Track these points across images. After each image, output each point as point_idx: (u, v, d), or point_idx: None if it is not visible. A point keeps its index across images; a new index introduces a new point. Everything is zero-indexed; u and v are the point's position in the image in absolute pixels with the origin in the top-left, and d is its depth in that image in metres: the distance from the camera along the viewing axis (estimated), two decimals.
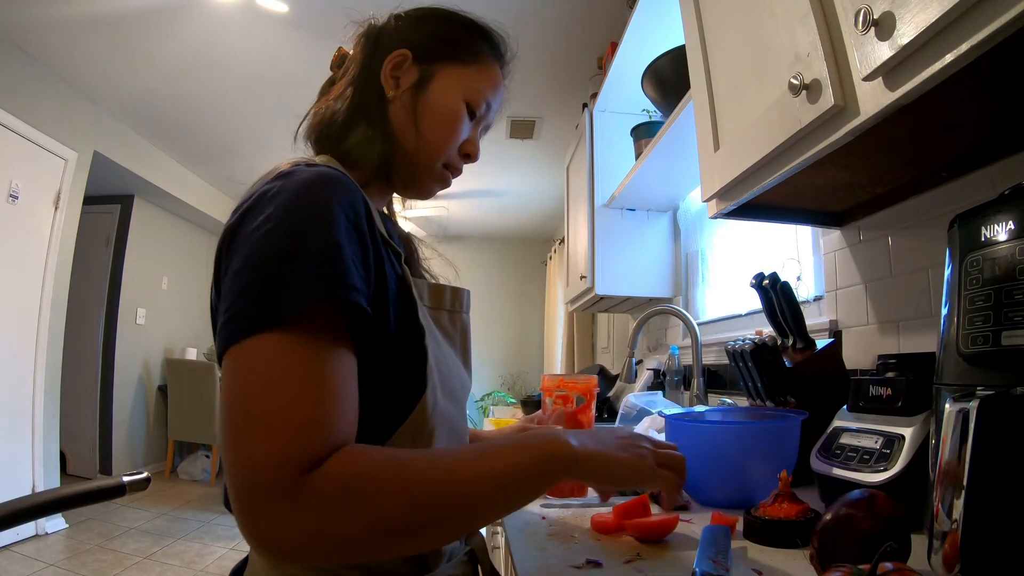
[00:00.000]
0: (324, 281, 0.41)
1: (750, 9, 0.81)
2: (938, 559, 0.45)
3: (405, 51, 0.61)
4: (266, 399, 0.38)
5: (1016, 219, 0.46)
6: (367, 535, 0.38)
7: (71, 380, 3.36)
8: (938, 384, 0.51)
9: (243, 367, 0.40)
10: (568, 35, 2.44)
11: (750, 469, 0.77)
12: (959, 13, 0.44)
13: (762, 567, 0.55)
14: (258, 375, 0.39)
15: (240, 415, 0.38)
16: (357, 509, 0.37)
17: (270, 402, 0.38)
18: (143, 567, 2.49)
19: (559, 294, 4.54)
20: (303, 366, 0.40)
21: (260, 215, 0.44)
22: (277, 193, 0.45)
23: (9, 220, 2.69)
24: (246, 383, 0.39)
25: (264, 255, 0.42)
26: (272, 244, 0.42)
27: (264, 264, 0.42)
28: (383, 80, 0.61)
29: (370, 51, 0.63)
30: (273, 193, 0.45)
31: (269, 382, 0.39)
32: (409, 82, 0.61)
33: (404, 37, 0.62)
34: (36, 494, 0.63)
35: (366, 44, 0.63)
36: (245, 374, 0.39)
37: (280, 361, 0.39)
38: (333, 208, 0.44)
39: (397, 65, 0.61)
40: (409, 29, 0.63)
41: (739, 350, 0.99)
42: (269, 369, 0.39)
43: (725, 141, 0.90)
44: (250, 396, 0.39)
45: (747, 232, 1.59)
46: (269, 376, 0.39)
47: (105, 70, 2.86)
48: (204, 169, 4.28)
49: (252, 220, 0.44)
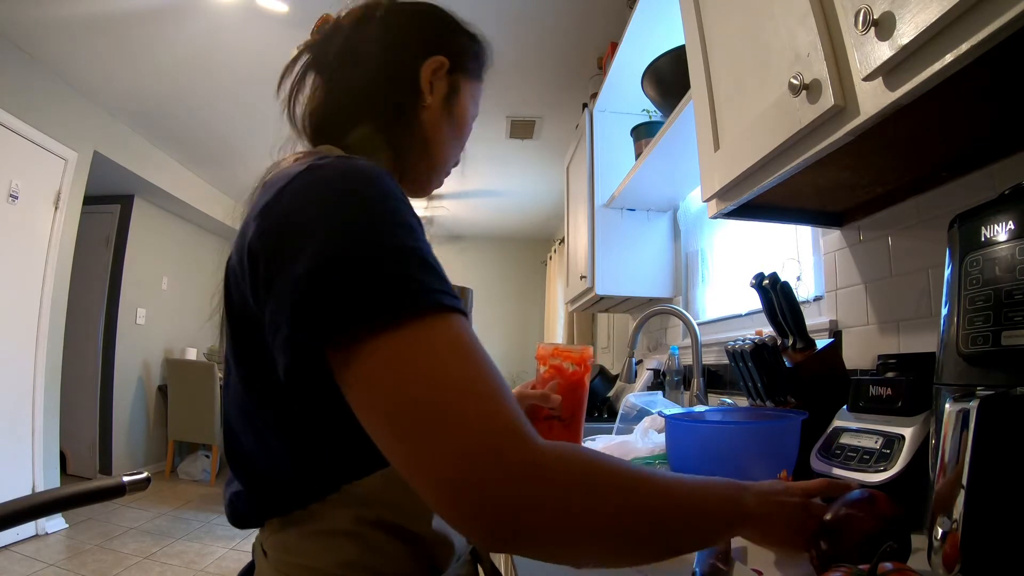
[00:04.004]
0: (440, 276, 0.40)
1: (750, 9, 0.81)
2: (938, 559, 0.45)
3: (444, 59, 0.61)
4: (466, 378, 0.36)
5: (1016, 219, 0.46)
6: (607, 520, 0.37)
7: (71, 380, 3.36)
8: (938, 384, 0.51)
9: (424, 349, 0.36)
10: (568, 35, 2.44)
11: (750, 469, 0.77)
12: (959, 13, 0.44)
13: (762, 567, 0.55)
14: (448, 356, 0.36)
15: (444, 397, 0.35)
16: (597, 490, 0.37)
17: (473, 380, 0.36)
18: (143, 567, 2.49)
19: (559, 294, 4.54)
20: (477, 347, 0.38)
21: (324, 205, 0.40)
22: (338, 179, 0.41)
23: (9, 220, 2.69)
24: (438, 364, 0.36)
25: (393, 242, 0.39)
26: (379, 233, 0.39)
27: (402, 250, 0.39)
28: (423, 83, 0.60)
29: (398, 42, 0.61)
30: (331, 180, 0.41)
31: (466, 362, 0.36)
32: (442, 91, 0.62)
33: (437, 43, 0.62)
34: (36, 494, 0.63)
35: (386, 31, 0.61)
36: (430, 356, 0.36)
37: (462, 341, 0.37)
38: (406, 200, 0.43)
39: (436, 71, 0.61)
40: (440, 35, 0.63)
41: (739, 350, 0.99)
42: (457, 349, 0.37)
43: (725, 141, 0.90)
44: (447, 377, 0.35)
45: (747, 232, 1.59)
46: (461, 356, 0.37)
47: (105, 70, 2.86)
48: (204, 169, 4.28)
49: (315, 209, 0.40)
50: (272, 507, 0.49)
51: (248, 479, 0.50)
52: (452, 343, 0.37)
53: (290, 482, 0.47)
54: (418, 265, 0.38)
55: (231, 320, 0.47)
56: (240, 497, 0.51)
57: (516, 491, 0.34)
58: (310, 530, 0.47)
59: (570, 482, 0.36)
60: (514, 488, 0.34)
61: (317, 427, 0.46)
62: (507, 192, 4.62)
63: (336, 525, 0.46)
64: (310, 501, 0.47)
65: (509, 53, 2.55)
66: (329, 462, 0.47)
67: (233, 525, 0.52)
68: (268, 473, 0.49)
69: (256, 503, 0.50)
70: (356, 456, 0.46)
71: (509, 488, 0.34)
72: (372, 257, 0.37)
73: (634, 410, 1.32)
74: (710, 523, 0.44)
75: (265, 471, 0.49)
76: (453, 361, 0.36)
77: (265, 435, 0.48)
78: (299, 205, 0.41)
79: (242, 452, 0.50)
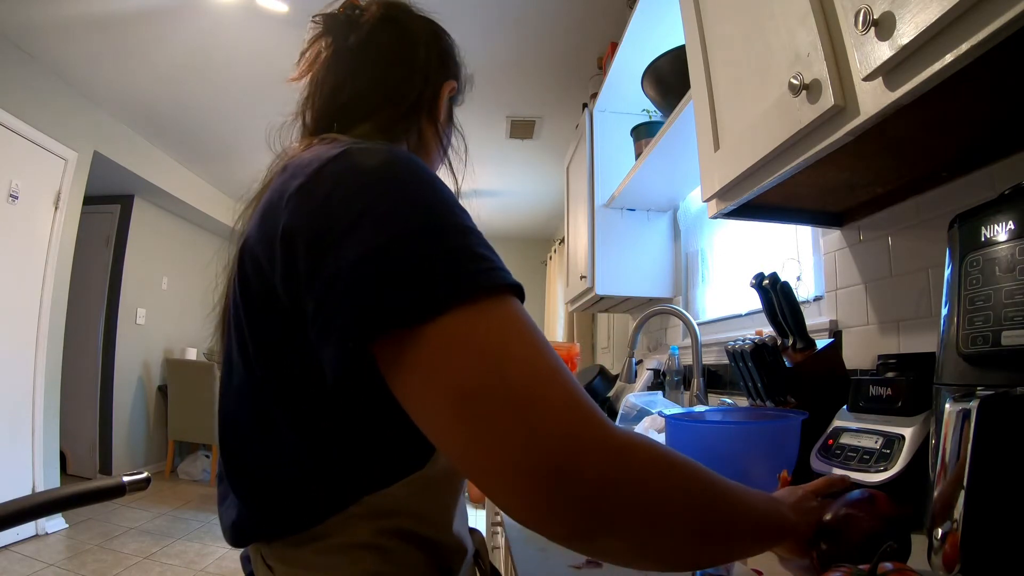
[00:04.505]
0: None
1: (750, 9, 0.81)
2: (938, 559, 0.45)
3: (455, 83, 0.66)
4: (541, 361, 0.33)
5: (1016, 219, 0.46)
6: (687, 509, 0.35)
7: (71, 380, 3.36)
8: (938, 384, 0.51)
9: (496, 328, 0.34)
10: (568, 35, 2.44)
11: (750, 469, 0.77)
12: (959, 13, 0.44)
13: (762, 567, 0.55)
14: (517, 337, 0.34)
15: (523, 379, 0.32)
16: (667, 476, 0.35)
17: (547, 363, 0.34)
18: (143, 567, 2.49)
19: (559, 294, 4.54)
20: (530, 319, 0.36)
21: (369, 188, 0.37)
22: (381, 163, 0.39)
23: (9, 220, 2.69)
24: (514, 345, 0.34)
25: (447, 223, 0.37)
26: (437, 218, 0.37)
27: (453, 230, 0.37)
28: (441, 99, 0.64)
29: (422, 56, 0.62)
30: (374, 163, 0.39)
31: (535, 344, 0.34)
32: (445, 114, 0.65)
33: (453, 70, 0.66)
34: (36, 494, 0.63)
35: (413, 42, 0.62)
36: (503, 335, 0.34)
37: (527, 322, 0.35)
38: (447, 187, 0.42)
39: (450, 93, 0.65)
40: (453, 63, 0.67)
41: (739, 350, 0.99)
42: (523, 330, 0.35)
43: (725, 141, 0.90)
44: (523, 359, 0.33)
45: (747, 232, 1.59)
46: (528, 337, 0.34)
47: (105, 70, 2.86)
48: (204, 169, 4.28)
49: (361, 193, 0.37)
50: (286, 525, 0.45)
51: (254, 494, 0.46)
52: (519, 323, 0.35)
53: (307, 494, 0.44)
54: (476, 243, 0.37)
55: (249, 314, 0.43)
56: (244, 519, 0.47)
57: (602, 478, 0.31)
58: (328, 545, 0.44)
59: (651, 468, 0.34)
60: (600, 475, 0.31)
61: (347, 433, 0.43)
62: (507, 192, 4.62)
63: (356, 538, 0.44)
64: (329, 514, 0.44)
65: (509, 53, 2.56)
66: (354, 471, 0.44)
67: (236, 547, 0.49)
68: (281, 486, 0.45)
69: (265, 521, 0.46)
70: (382, 464, 0.45)
71: (596, 475, 0.31)
72: (430, 237, 0.35)
73: (634, 410, 1.32)
74: (769, 529, 0.43)
75: (277, 484, 0.45)
76: (523, 342, 0.34)
77: (283, 442, 0.44)
78: (341, 188, 0.38)
79: (246, 460, 0.46)
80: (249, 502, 0.46)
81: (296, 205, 0.38)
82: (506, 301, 0.35)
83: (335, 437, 0.43)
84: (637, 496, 0.33)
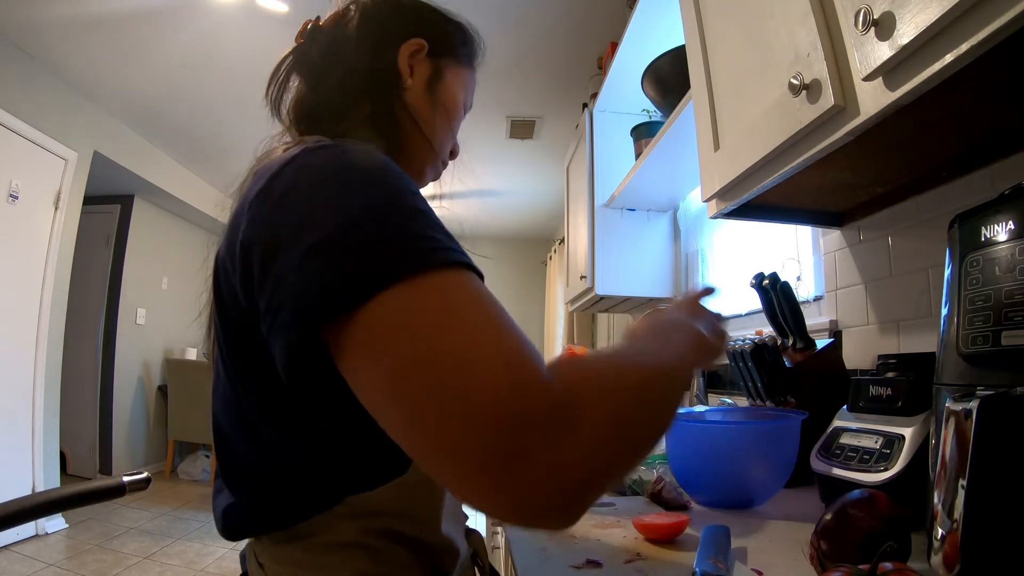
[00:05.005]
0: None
1: (750, 9, 0.81)
2: (938, 559, 0.45)
3: (422, 41, 0.59)
4: (474, 334, 0.31)
5: (1016, 219, 0.46)
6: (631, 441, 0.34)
7: (71, 380, 3.36)
8: (938, 384, 0.51)
9: (432, 305, 0.32)
10: (568, 35, 2.44)
11: (750, 469, 0.77)
12: (959, 13, 0.44)
13: (762, 567, 0.55)
14: (456, 310, 0.32)
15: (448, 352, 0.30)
16: (617, 410, 0.33)
17: (479, 336, 0.31)
18: (143, 567, 2.49)
19: (559, 294, 4.54)
20: (484, 293, 0.34)
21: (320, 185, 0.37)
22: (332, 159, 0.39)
23: (9, 220, 2.69)
24: (443, 321, 0.31)
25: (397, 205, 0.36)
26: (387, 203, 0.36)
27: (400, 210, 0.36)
28: (400, 65, 0.59)
29: (374, 30, 0.60)
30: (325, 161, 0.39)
31: (472, 316, 0.32)
32: (424, 74, 0.60)
33: (415, 26, 0.61)
34: (36, 494, 0.63)
35: (363, 22, 0.60)
36: (439, 311, 0.31)
37: (468, 296, 0.33)
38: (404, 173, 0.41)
39: (414, 53, 0.60)
40: (418, 20, 0.62)
41: (739, 350, 0.99)
42: (462, 298, 0.33)
43: (725, 141, 0.90)
44: (451, 328, 0.31)
45: (747, 232, 1.59)
46: (469, 311, 0.32)
47: (105, 70, 2.86)
48: (204, 169, 4.28)
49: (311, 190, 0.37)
50: (273, 519, 0.46)
51: (244, 490, 0.47)
52: (462, 296, 0.33)
53: (292, 492, 0.45)
54: (425, 225, 0.36)
55: (222, 319, 0.44)
56: (235, 510, 0.48)
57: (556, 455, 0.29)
58: (315, 543, 0.44)
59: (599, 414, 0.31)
60: (552, 454, 0.28)
61: (321, 436, 0.43)
62: (507, 192, 4.62)
63: (343, 537, 0.44)
64: (314, 512, 0.44)
65: (510, 53, 2.55)
66: (334, 473, 0.44)
67: (226, 538, 0.49)
68: (267, 483, 0.46)
69: (254, 516, 0.47)
70: (362, 467, 0.45)
71: (546, 459, 0.28)
72: (374, 223, 0.34)
73: None
74: (688, 364, 0.47)
75: (264, 481, 0.46)
76: (462, 317, 0.32)
77: (264, 443, 0.45)
78: (294, 189, 0.37)
79: (236, 460, 0.47)
80: (240, 496, 0.47)
81: (254, 212, 0.38)
82: (449, 275, 0.33)
83: (311, 440, 0.44)
84: (595, 455, 0.31)
